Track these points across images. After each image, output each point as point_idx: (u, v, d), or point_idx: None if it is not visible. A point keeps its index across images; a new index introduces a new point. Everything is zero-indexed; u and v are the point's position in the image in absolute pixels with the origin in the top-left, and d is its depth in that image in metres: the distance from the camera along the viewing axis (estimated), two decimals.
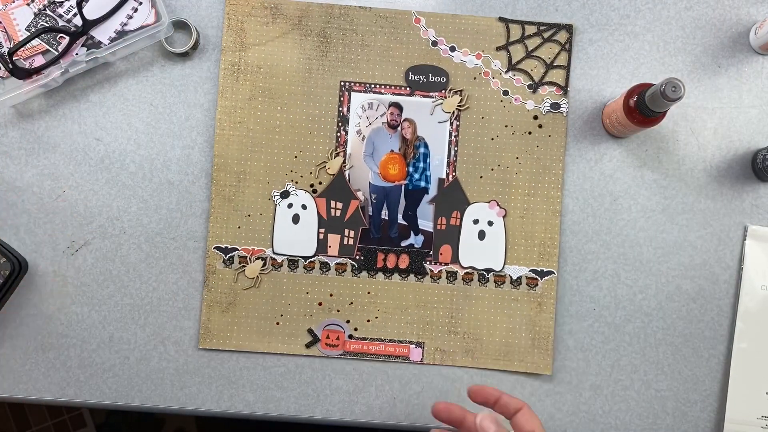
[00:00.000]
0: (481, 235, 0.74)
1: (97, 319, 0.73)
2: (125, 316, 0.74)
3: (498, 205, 0.74)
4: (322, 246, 0.74)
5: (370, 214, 0.74)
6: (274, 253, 0.74)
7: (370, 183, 0.74)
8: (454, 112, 0.74)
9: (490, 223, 0.74)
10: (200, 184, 0.74)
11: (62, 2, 0.72)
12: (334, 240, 0.74)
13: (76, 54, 0.72)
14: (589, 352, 0.74)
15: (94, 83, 0.74)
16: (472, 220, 0.74)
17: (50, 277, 0.73)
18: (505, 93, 0.74)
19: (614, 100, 0.70)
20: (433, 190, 0.74)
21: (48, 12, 0.72)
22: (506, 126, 0.74)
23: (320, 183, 0.74)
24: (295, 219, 0.74)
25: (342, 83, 0.74)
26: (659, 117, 0.66)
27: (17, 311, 0.73)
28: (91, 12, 0.71)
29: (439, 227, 0.74)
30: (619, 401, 0.74)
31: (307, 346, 0.74)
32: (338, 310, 0.74)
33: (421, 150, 0.74)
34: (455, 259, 0.74)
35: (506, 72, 0.74)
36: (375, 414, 0.74)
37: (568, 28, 0.75)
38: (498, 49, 0.74)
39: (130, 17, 0.72)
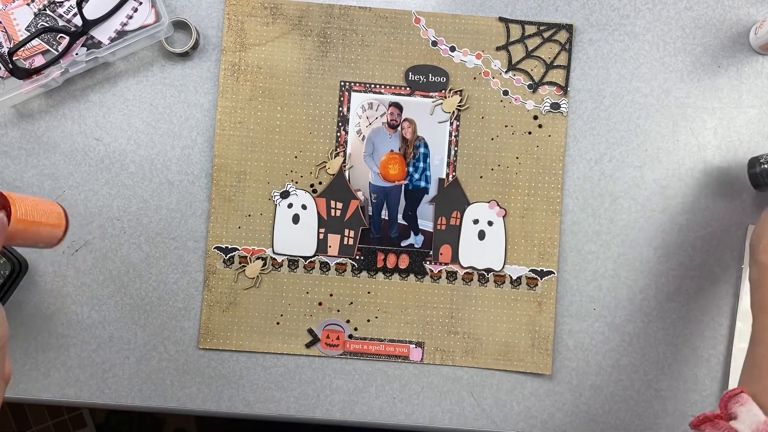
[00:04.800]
0: (481, 235, 0.74)
1: (97, 319, 0.73)
2: (125, 316, 0.74)
3: (498, 205, 0.74)
4: (322, 246, 0.74)
5: (370, 214, 0.74)
6: (274, 253, 0.74)
7: (370, 183, 0.74)
8: (454, 112, 0.74)
9: (490, 223, 0.74)
10: (200, 184, 0.74)
11: (62, 2, 0.72)
12: (334, 240, 0.74)
13: (76, 54, 0.72)
14: (589, 352, 0.74)
15: (94, 83, 0.74)
16: (472, 220, 0.74)
17: (50, 277, 0.73)
18: (505, 93, 0.74)
19: None
20: (433, 190, 0.74)
21: (48, 12, 0.72)
22: (506, 126, 0.74)
23: (320, 183, 0.74)
24: (295, 219, 0.74)
25: (342, 83, 0.74)
26: None
27: (17, 311, 0.73)
28: (91, 12, 0.71)
29: (439, 227, 0.74)
30: (619, 401, 0.74)
31: (307, 346, 0.74)
32: (338, 310, 0.74)
33: (421, 150, 0.74)
34: (455, 259, 0.74)
35: (506, 72, 0.74)
36: (375, 414, 0.74)
37: (568, 28, 0.75)
38: (498, 49, 0.74)
39: (130, 17, 0.72)
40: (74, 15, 0.72)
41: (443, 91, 0.74)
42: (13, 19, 0.72)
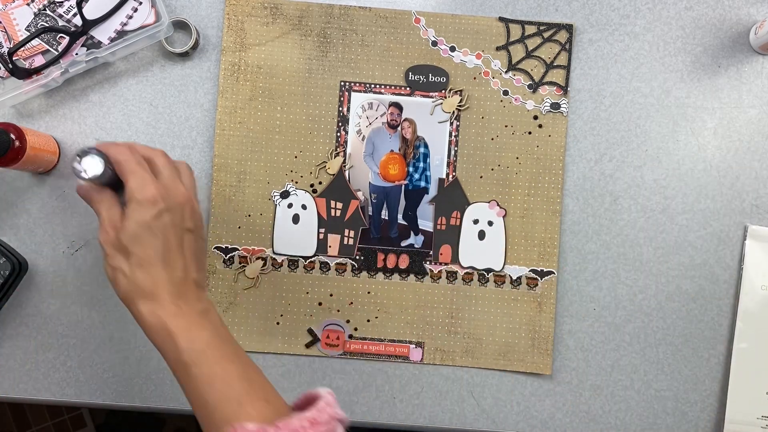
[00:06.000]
0: (481, 235, 0.74)
1: (97, 319, 0.73)
2: (125, 316, 0.73)
3: (498, 205, 0.74)
4: (322, 246, 0.74)
5: (370, 214, 0.74)
6: (274, 253, 0.74)
7: (370, 183, 0.74)
8: (454, 112, 0.74)
9: (490, 223, 0.74)
10: (200, 184, 0.74)
11: (62, 2, 0.72)
12: (334, 240, 0.74)
13: (76, 54, 0.72)
14: (589, 352, 0.74)
15: (94, 83, 0.74)
16: (472, 220, 0.74)
17: (50, 277, 0.73)
18: (505, 93, 0.74)
19: None
20: (433, 190, 0.74)
21: (48, 12, 0.72)
22: (506, 126, 0.74)
23: (320, 183, 0.74)
24: (295, 219, 0.74)
25: (342, 83, 0.74)
26: None
27: (17, 311, 0.73)
28: (91, 12, 0.71)
29: (439, 227, 0.74)
30: (619, 401, 0.74)
31: (307, 346, 0.74)
32: (338, 310, 0.74)
33: (421, 150, 0.74)
34: (455, 259, 0.74)
35: (506, 72, 0.74)
36: (375, 414, 0.74)
37: (568, 28, 0.75)
38: (498, 49, 0.74)
39: (130, 17, 0.72)
40: (74, 15, 0.72)
41: (443, 91, 0.74)
42: (13, 19, 0.72)
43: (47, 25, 0.72)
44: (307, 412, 0.48)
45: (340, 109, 0.74)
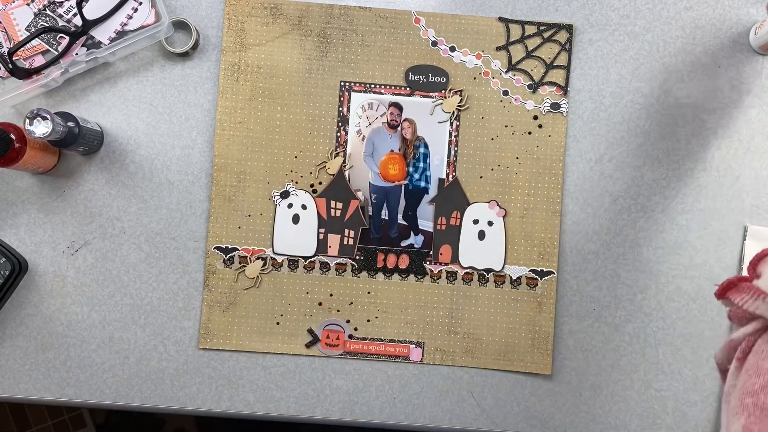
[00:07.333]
0: (481, 235, 0.74)
1: (97, 319, 0.73)
2: (125, 316, 0.74)
3: (498, 205, 0.74)
4: (322, 246, 0.74)
5: (370, 214, 0.74)
6: (274, 253, 0.74)
7: (370, 183, 0.74)
8: (454, 112, 0.74)
9: (490, 223, 0.74)
10: (200, 184, 0.74)
11: (62, 2, 0.72)
12: (334, 240, 0.74)
13: (76, 54, 0.72)
14: (589, 352, 0.74)
15: (94, 83, 0.74)
16: (472, 220, 0.74)
17: (50, 277, 0.73)
18: (505, 93, 0.74)
19: None
20: (433, 190, 0.74)
21: (48, 12, 0.72)
22: (506, 126, 0.74)
23: (320, 183, 0.74)
24: (295, 219, 0.74)
25: (342, 83, 0.74)
26: None
27: (17, 311, 0.73)
28: (91, 12, 0.71)
29: (439, 227, 0.74)
30: (619, 401, 0.74)
31: (307, 346, 0.74)
32: (338, 310, 0.74)
33: (421, 150, 0.74)
34: (455, 259, 0.74)
35: (506, 72, 0.74)
36: (375, 414, 0.74)
37: (568, 28, 0.75)
38: (498, 49, 0.74)
39: (130, 17, 0.72)
40: (74, 15, 0.72)
41: (443, 91, 0.74)
42: (13, 19, 0.72)
43: (47, 25, 0.72)
44: None
45: (340, 109, 0.74)
